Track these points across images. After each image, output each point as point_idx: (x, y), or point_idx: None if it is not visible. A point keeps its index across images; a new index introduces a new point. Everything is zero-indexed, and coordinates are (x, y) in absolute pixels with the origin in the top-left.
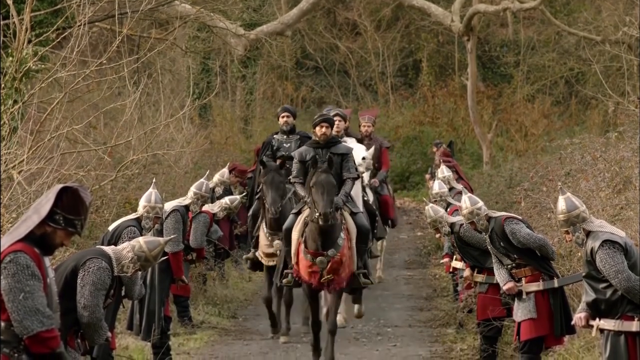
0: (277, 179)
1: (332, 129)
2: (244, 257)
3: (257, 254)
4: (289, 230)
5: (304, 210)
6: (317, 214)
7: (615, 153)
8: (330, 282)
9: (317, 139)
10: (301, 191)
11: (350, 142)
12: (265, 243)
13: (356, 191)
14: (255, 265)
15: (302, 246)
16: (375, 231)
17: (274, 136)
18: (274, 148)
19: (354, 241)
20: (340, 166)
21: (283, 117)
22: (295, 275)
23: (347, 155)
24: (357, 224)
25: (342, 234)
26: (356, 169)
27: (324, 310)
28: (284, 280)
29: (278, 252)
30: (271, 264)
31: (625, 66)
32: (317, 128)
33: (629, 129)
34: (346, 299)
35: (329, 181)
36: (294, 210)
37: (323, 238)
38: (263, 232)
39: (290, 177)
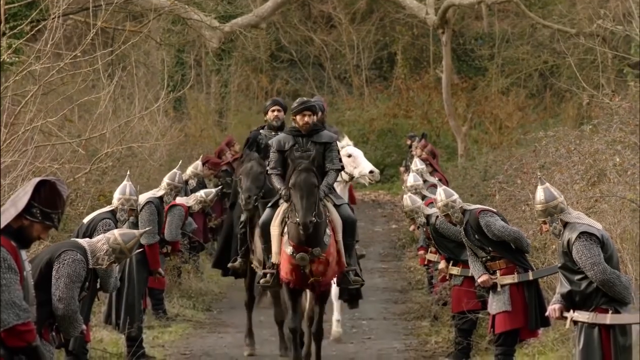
0: (256, 169)
1: (315, 117)
2: (229, 265)
3: (254, 266)
4: (267, 224)
5: (281, 204)
6: (296, 221)
7: (589, 146)
8: (316, 283)
9: (297, 126)
10: (278, 184)
11: (357, 152)
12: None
13: (344, 194)
14: (238, 274)
15: (285, 237)
16: None
17: (261, 131)
18: (262, 146)
19: (340, 235)
20: (323, 156)
21: (273, 111)
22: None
23: (330, 144)
24: (342, 216)
25: (327, 230)
26: (340, 160)
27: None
28: (262, 281)
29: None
30: None
31: (599, 59)
32: (299, 117)
33: (603, 121)
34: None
35: (309, 182)
36: (270, 204)
37: (307, 236)
38: (259, 238)
39: (267, 168)
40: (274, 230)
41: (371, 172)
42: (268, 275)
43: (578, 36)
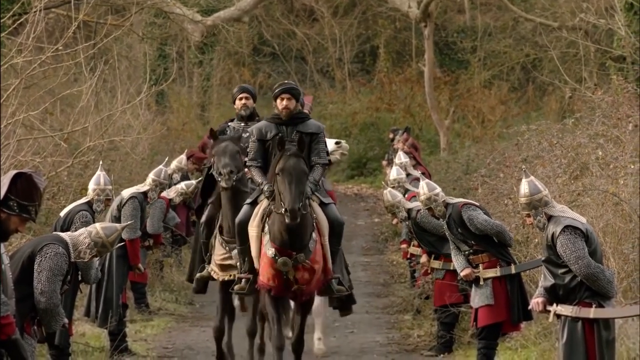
0: (232, 148)
1: (297, 102)
2: (197, 275)
3: (209, 268)
4: (244, 223)
5: (260, 201)
6: (284, 209)
7: (572, 139)
8: (299, 292)
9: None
10: (259, 177)
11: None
12: (221, 253)
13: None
14: (206, 285)
15: (266, 237)
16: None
17: (229, 124)
18: None
19: (326, 238)
20: (309, 148)
21: (241, 98)
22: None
23: (317, 135)
24: (329, 218)
25: (313, 235)
26: (327, 154)
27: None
28: (236, 287)
29: (237, 263)
30: (228, 278)
31: (582, 52)
32: (278, 101)
33: (585, 115)
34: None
35: (299, 168)
36: (248, 200)
37: (290, 233)
38: (218, 241)
39: (246, 159)
40: (252, 230)
41: (337, 142)
42: (243, 281)
43: (560, 29)
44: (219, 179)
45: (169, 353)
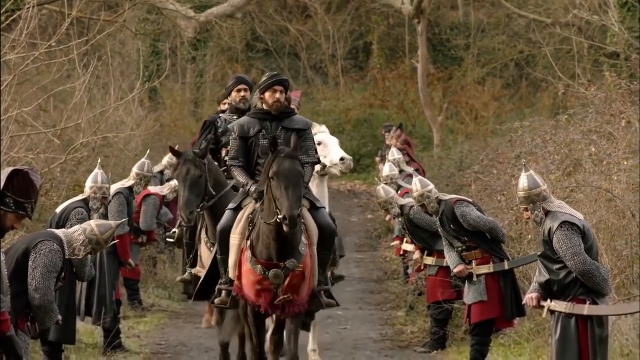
0: (193, 173)
1: (286, 94)
2: (178, 278)
3: (195, 271)
4: (226, 231)
5: (245, 205)
6: (281, 216)
7: (565, 135)
8: (287, 304)
9: (265, 107)
10: (242, 177)
11: (328, 139)
12: (208, 256)
13: (322, 189)
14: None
15: (248, 253)
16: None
17: (220, 115)
18: (219, 130)
19: (315, 246)
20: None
21: (239, 90)
22: (236, 294)
23: (304, 131)
24: (319, 223)
25: (302, 238)
26: (316, 151)
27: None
28: (217, 300)
29: None
30: None
31: (575, 49)
32: (268, 93)
33: (578, 111)
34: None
35: (295, 171)
36: (231, 205)
37: (280, 245)
38: (204, 243)
39: (227, 157)
40: (234, 238)
41: (342, 159)
42: (224, 293)
43: (554, 26)
44: (179, 216)
45: (162, 349)
